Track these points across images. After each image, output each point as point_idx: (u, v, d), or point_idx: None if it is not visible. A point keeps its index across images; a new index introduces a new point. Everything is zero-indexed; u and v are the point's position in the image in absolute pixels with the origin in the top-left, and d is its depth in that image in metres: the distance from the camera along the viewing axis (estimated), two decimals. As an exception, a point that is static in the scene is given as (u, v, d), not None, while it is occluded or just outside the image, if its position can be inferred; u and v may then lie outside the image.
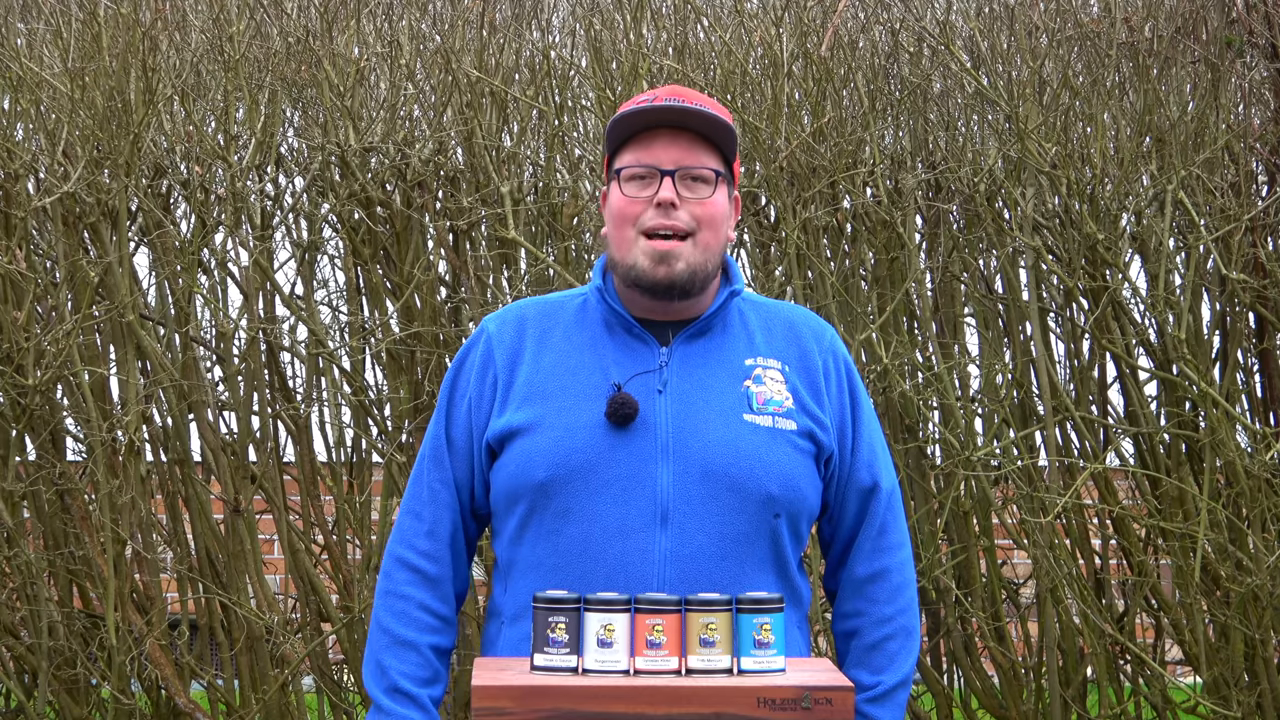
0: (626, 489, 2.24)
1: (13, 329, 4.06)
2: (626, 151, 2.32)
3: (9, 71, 4.20)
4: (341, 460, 4.47)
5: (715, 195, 2.30)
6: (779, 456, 2.28)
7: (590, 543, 2.24)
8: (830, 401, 2.36)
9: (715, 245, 2.31)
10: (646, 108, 2.30)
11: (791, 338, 2.39)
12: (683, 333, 2.33)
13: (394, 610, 2.35)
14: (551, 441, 2.27)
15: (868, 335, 4.17)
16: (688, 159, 2.29)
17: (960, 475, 4.23)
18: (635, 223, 2.29)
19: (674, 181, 2.28)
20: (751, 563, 2.27)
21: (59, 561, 4.24)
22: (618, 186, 2.31)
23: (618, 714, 1.96)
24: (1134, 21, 4.48)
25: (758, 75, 4.34)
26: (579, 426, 2.26)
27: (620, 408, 2.26)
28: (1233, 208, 4.27)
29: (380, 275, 4.38)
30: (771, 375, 2.34)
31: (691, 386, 2.30)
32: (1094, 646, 4.30)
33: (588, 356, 2.33)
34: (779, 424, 2.30)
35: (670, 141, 2.29)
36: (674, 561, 2.23)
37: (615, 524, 2.24)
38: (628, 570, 2.22)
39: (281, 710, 4.24)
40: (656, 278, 2.28)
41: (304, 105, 4.48)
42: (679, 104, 2.30)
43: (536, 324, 2.38)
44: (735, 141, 2.33)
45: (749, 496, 2.26)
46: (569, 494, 2.25)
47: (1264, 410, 4.62)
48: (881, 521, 2.38)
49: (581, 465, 2.25)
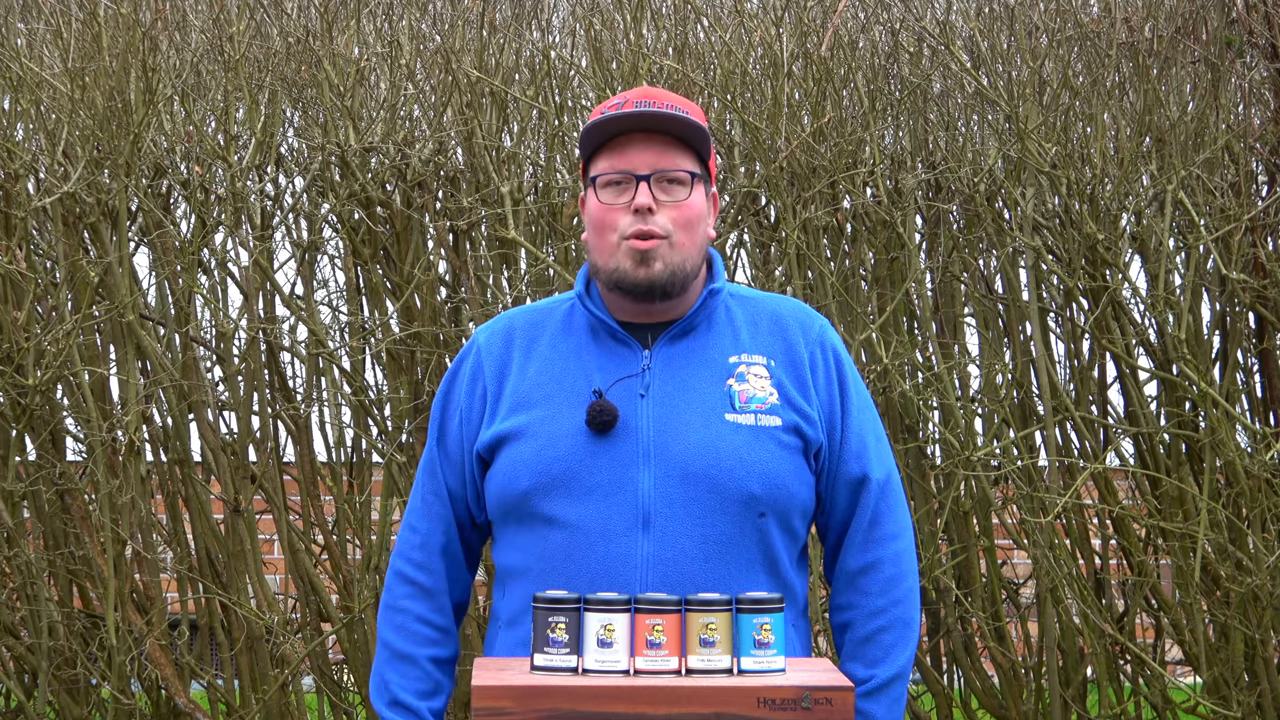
0: (608, 495, 2.25)
1: (13, 329, 4.06)
2: (601, 158, 2.32)
3: (9, 71, 4.20)
4: (341, 460, 4.47)
5: (691, 197, 2.31)
6: (761, 455, 2.28)
7: (574, 549, 2.25)
8: (818, 394, 2.35)
9: (692, 246, 2.31)
10: (619, 115, 2.30)
11: (777, 331, 2.38)
12: (664, 335, 2.34)
13: (393, 624, 2.40)
14: (534, 451, 2.29)
15: (868, 335, 4.17)
16: (662, 162, 2.30)
17: (960, 475, 4.23)
18: (615, 229, 2.29)
19: (650, 186, 2.28)
20: (738, 564, 2.27)
21: (59, 561, 4.24)
22: (594, 194, 2.32)
23: (618, 714, 1.97)
24: (1134, 21, 4.48)
25: (758, 75, 4.34)
26: (561, 435, 2.28)
27: (599, 415, 2.27)
28: (1233, 208, 4.27)
29: (380, 275, 4.39)
30: (755, 371, 2.33)
31: (674, 389, 2.31)
32: (1094, 646, 4.30)
33: (572, 363, 2.34)
34: (762, 421, 2.30)
35: (644, 146, 2.30)
36: (656, 565, 2.23)
37: (598, 529, 2.25)
38: (610, 575, 2.23)
39: (281, 710, 4.24)
40: (637, 279, 2.28)
41: (304, 105, 4.48)
42: (651, 108, 2.30)
43: (524, 333, 2.40)
44: (709, 140, 2.33)
45: (730, 497, 2.26)
46: (552, 502, 2.27)
47: (1264, 410, 4.62)
48: (873, 513, 2.35)
49: (563, 473, 2.27)
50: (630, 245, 2.28)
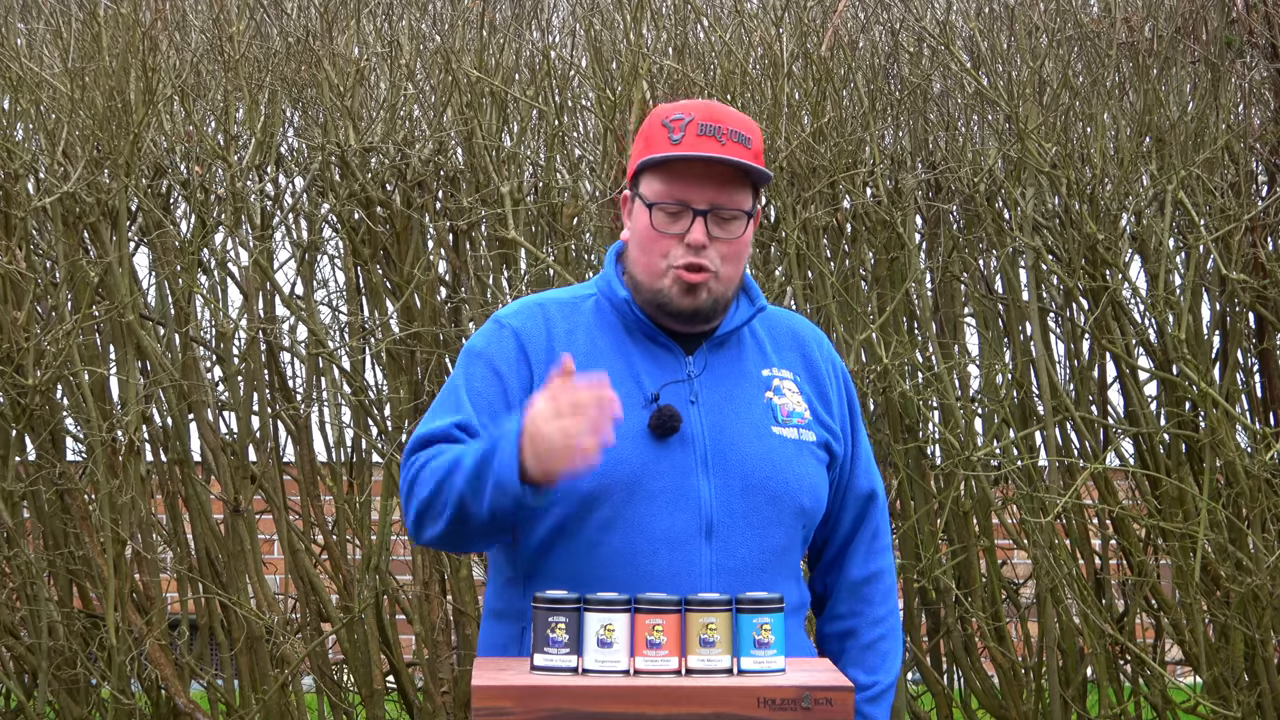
0: (672, 500, 2.22)
1: (13, 329, 4.06)
2: (658, 178, 2.26)
3: (9, 71, 4.20)
4: (341, 460, 4.47)
5: (745, 234, 2.28)
6: (806, 469, 2.29)
7: (636, 554, 2.21)
8: (836, 410, 2.37)
9: (737, 276, 2.30)
10: (688, 156, 2.23)
11: (797, 347, 2.38)
12: (708, 342, 2.31)
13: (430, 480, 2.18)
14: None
15: (868, 335, 4.16)
16: (720, 199, 2.25)
17: (960, 475, 4.23)
18: (665, 255, 2.25)
19: (705, 222, 2.24)
20: (784, 574, 2.28)
21: (59, 561, 4.24)
22: (647, 215, 2.27)
23: (618, 714, 1.96)
24: (1134, 21, 4.48)
25: (758, 75, 4.34)
26: (622, 436, 2.17)
27: (667, 420, 2.23)
28: (1233, 208, 4.27)
29: (380, 275, 4.38)
30: (788, 386, 2.33)
31: (721, 398, 2.29)
32: (1094, 646, 4.30)
33: (618, 362, 2.28)
34: (803, 436, 2.30)
35: (704, 178, 2.25)
36: (720, 575, 2.22)
37: (662, 536, 2.21)
38: (675, 582, 2.19)
39: (281, 710, 4.24)
40: (682, 306, 2.26)
41: (304, 105, 4.48)
42: (716, 134, 2.24)
43: (561, 322, 2.31)
44: (769, 177, 2.31)
45: (785, 509, 2.27)
46: (613, 505, 2.21)
47: (1264, 410, 4.62)
48: (876, 526, 2.40)
49: (627, 476, 2.22)
50: (679, 275, 2.25)
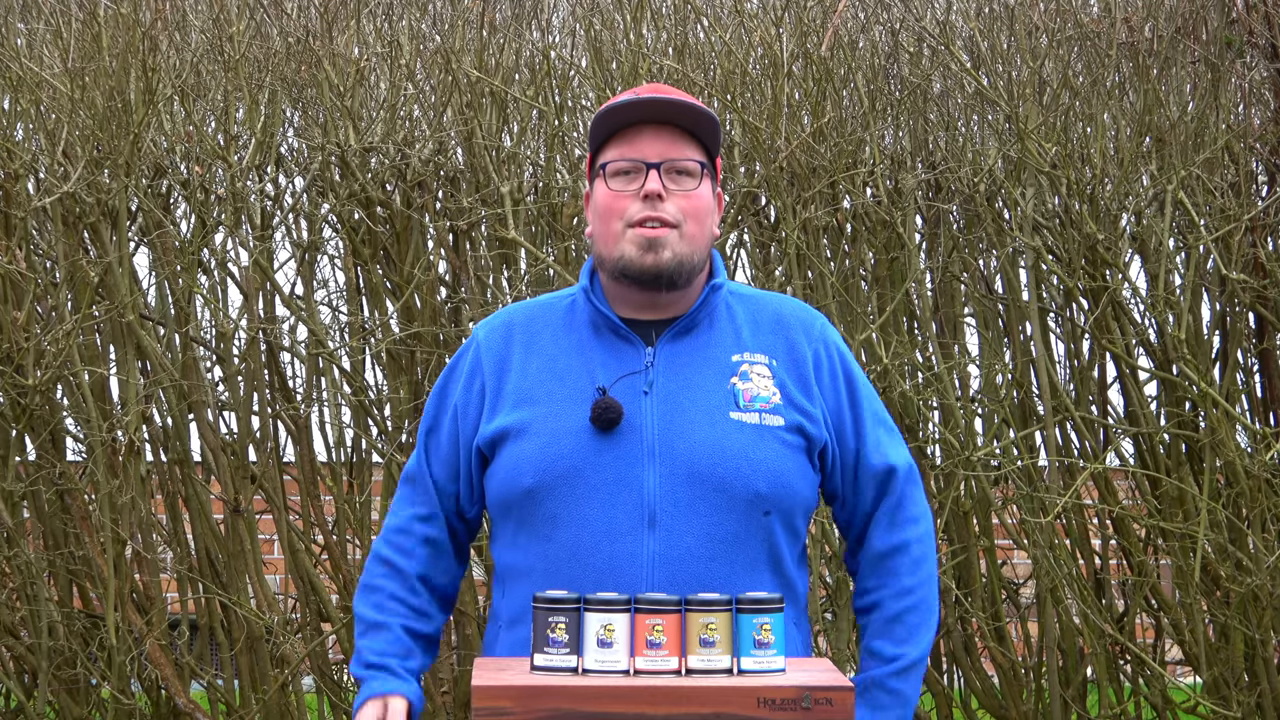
0: (613, 493, 2.25)
1: (13, 329, 4.06)
2: (610, 148, 2.33)
3: (9, 71, 4.20)
4: (341, 460, 4.47)
5: (700, 188, 2.32)
6: (766, 454, 2.28)
7: (579, 547, 2.25)
8: (823, 393, 2.36)
9: (700, 238, 2.32)
10: (630, 101, 2.32)
11: (779, 330, 2.38)
12: (667, 331, 2.33)
13: (367, 601, 2.40)
14: (538, 448, 2.28)
15: (868, 335, 4.16)
16: (672, 151, 2.31)
17: (960, 475, 4.23)
18: (622, 216, 2.30)
19: (659, 174, 2.29)
20: (742, 563, 2.27)
21: (59, 561, 4.24)
22: (603, 182, 2.32)
23: (618, 714, 1.97)
24: (1134, 21, 4.48)
25: (758, 75, 4.34)
26: (564, 432, 2.27)
27: (604, 412, 2.27)
28: (1233, 208, 4.27)
29: (380, 275, 4.39)
30: (758, 371, 2.33)
31: (678, 386, 2.30)
32: (1094, 646, 4.30)
33: (574, 360, 2.34)
34: (766, 420, 2.30)
35: (654, 136, 2.31)
36: (662, 564, 2.23)
37: (603, 528, 2.24)
38: (616, 574, 2.22)
39: (281, 710, 4.24)
40: (644, 265, 2.28)
41: (304, 105, 4.48)
42: (662, 98, 2.32)
43: (524, 329, 2.39)
44: (719, 135, 2.35)
45: (736, 496, 2.26)
46: (556, 500, 2.26)
47: (1264, 410, 4.62)
48: (899, 497, 2.37)
49: (567, 470, 2.26)
50: (638, 232, 2.28)
